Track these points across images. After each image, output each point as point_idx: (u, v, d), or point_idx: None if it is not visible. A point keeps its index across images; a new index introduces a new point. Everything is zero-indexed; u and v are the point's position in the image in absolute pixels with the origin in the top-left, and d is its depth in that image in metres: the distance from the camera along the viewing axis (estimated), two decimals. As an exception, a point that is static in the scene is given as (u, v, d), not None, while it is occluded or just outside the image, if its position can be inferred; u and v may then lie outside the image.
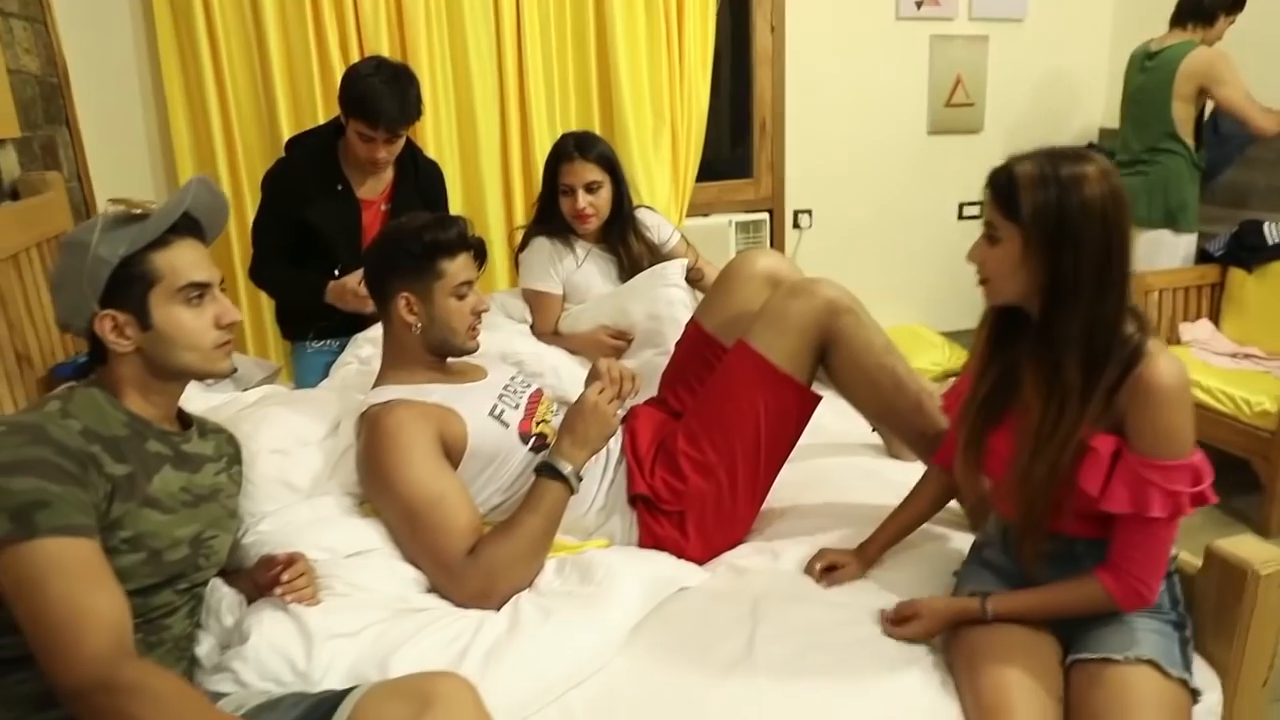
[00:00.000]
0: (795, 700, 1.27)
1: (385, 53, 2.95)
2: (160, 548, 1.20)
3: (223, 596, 1.37)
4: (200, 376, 1.33)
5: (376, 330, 1.78)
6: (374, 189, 2.46)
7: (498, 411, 1.67)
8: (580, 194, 2.38)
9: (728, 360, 1.73)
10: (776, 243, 3.89)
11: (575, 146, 2.38)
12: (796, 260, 3.14)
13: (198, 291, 1.27)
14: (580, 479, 1.55)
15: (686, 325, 1.97)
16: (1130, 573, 1.26)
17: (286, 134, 2.80)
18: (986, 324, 1.40)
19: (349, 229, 2.39)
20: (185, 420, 1.39)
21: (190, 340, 1.27)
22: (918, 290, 4.17)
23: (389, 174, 2.47)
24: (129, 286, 1.23)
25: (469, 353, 1.73)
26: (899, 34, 3.85)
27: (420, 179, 2.53)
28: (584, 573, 1.49)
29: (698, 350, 1.88)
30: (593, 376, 1.61)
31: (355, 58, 2.93)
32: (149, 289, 1.24)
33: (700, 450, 1.68)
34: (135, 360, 1.26)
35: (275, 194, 2.41)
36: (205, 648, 1.32)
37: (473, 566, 1.45)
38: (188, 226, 1.29)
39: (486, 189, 3.22)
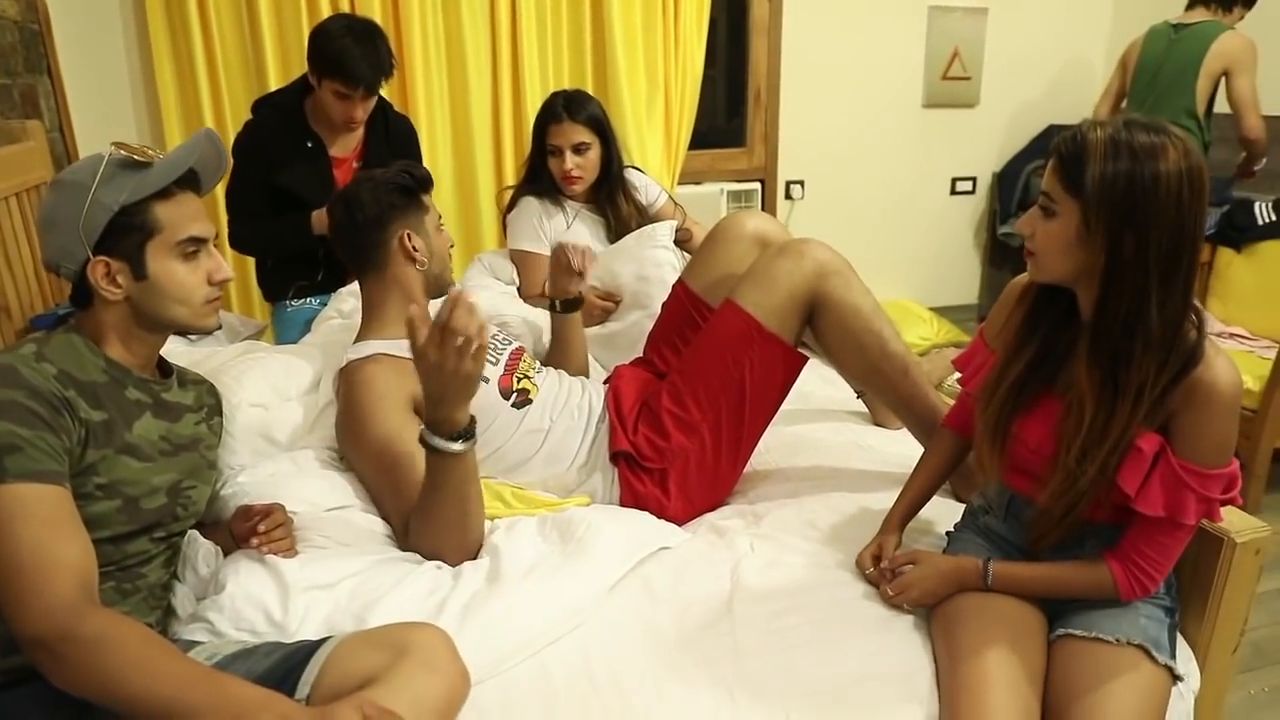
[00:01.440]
0: (773, 660, 1.27)
1: (377, 8, 2.91)
2: (137, 495, 1.20)
3: (199, 548, 1.35)
4: (186, 331, 1.32)
5: (358, 284, 1.76)
6: (346, 146, 2.43)
7: (477, 368, 1.64)
8: (568, 155, 2.36)
9: (714, 318, 1.72)
10: (768, 213, 3.86)
11: (564, 106, 2.35)
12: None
13: (195, 246, 1.26)
14: (471, 433, 1.33)
15: (674, 285, 1.96)
16: (1141, 567, 1.22)
17: (275, 84, 2.76)
18: (1025, 301, 1.30)
19: (324, 187, 2.35)
20: (165, 369, 1.37)
21: (182, 294, 1.26)
22: (907, 264, 4.16)
23: (360, 131, 2.43)
24: (127, 235, 1.21)
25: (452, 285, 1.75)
26: (897, 4, 3.81)
27: (392, 136, 2.49)
28: (564, 530, 1.49)
29: (684, 310, 1.87)
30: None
31: (346, 10, 2.88)
32: (147, 239, 1.22)
33: (684, 407, 1.67)
34: (122, 308, 1.24)
35: (247, 158, 2.35)
36: (181, 597, 1.31)
37: (410, 544, 1.44)
38: (187, 179, 1.27)
39: (477, 148, 3.18)
